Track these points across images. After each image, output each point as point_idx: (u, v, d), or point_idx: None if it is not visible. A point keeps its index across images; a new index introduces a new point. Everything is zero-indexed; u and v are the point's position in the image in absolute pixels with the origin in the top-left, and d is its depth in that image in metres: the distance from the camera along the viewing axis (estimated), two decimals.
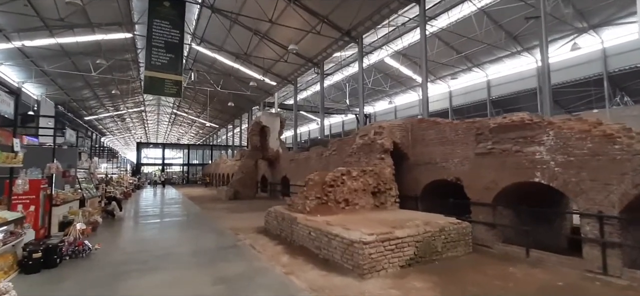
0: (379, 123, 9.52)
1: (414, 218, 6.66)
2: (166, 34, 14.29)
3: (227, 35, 22.83)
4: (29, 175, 7.35)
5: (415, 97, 35.40)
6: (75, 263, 5.74)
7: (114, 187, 17.84)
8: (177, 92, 14.45)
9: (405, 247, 5.60)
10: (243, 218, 11.69)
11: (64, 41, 20.85)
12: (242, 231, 8.98)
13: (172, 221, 11.46)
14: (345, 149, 13.17)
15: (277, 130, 21.89)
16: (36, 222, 7.28)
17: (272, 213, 8.63)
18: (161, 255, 6.47)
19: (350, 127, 44.40)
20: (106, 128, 56.12)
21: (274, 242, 7.58)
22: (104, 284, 4.87)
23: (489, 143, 7.29)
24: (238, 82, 31.01)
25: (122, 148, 70.92)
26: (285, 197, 19.24)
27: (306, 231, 6.71)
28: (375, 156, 8.98)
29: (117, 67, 26.52)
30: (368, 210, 8.16)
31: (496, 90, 27.94)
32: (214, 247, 7.17)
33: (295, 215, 7.36)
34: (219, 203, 17.29)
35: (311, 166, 16.58)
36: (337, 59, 28.13)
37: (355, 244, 5.16)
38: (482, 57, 25.97)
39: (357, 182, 8.10)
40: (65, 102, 33.62)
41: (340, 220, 6.63)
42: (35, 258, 5.04)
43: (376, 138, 9.05)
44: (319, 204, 7.68)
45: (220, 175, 34.97)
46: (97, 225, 9.54)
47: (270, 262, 6.00)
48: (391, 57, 27.95)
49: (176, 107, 47.90)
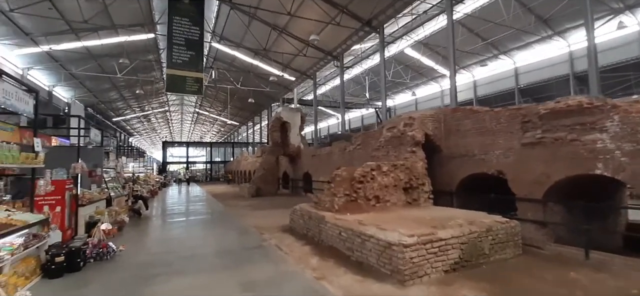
0: (409, 114, 8.88)
1: (454, 217, 6.04)
2: (186, 31, 14.19)
3: (245, 31, 22.64)
4: (55, 175, 7.32)
5: (437, 89, 34.04)
6: (100, 266, 5.57)
7: (141, 185, 18.15)
8: (198, 89, 14.36)
9: (449, 250, 5.01)
10: (266, 215, 11.41)
11: (89, 44, 21.37)
12: (267, 230, 8.65)
13: (196, 219, 11.35)
14: (370, 143, 12.59)
15: (297, 126, 21.57)
16: (63, 222, 7.24)
17: (298, 211, 8.23)
18: (187, 256, 6.22)
19: (369, 121, 43.48)
20: (133, 129, 58.08)
21: (300, 242, 7.18)
22: (128, 289, 4.63)
23: (539, 131, 6.52)
24: (257, 78, 30.93)
25: (149, 147, 73.33)
26: (307, 194, 18.92)
27: (336, 231, 6.24)
28: (406, 149, 8.36)
29: (140, 68, 27.05)
30: (400, 207, 7.59)
31: (524, 77, 26.24)
32: (239, 248, 6.86)
33: (323, 214, 6.91)
34: (241, 201, 17.19)
35: (334, 161, 16.11)
36: (355, 51, 27.38)
37: (394, 247, 4.64)
38: (510, 43, 24.41)
39: (387, 177, 7.54)
40: (93, 104, 34.86)
41: (372, 219, 6.12)
42: (57, 262, 4.88)
43: (406, 130, 8.43)
44: (347, 201, 7.20)
45: (242, 172, 35.21)
46: (124, 224, 9.51)
47: (298, 265, 5.59)
48: (412, 48, 26.88)
49: (198, 106, 48.69)
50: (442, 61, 28.27)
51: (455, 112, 8.62)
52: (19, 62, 21.13)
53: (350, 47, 24.28)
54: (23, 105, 4.90)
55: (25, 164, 4.88)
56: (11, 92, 4.57)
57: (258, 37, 22.38)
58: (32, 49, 20.01)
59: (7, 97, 4.44)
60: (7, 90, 4.48)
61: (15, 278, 4.32)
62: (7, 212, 4.86)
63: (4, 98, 4.38)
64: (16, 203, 5.69)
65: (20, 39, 18.40)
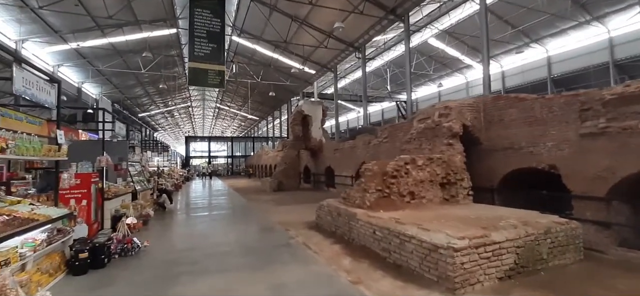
0: (445, 103, 8.19)
1: (503, 216, 5.40)
2: (207, 23, 14.01)
3: (266, 23, 22.33)
4: (80, 168, 7.23)
5: (462, 80, 32.61)
6: (124, 263, 5.36)
7: (165, 179, 18.35)
8: (220, 82, 14.18)
9: (504, 254, 4.41)
10: (290, 211, 11.07)
11: (114, 40, 21.76)
12: (292, 226, 8.27)
13: (220, 214, 11.17)
14: (398, 136, 11.95)
15: (319, 119, 21.11)
16: (89, 216, 7.16)
17: (325, 207, 7.79)
18: (211, 254, 5.92)
19: (389, 115, 42.45)
20: (158, 124, 59.69)
21: (329, 241, 6.74)
22: (152, 289, 4.35)
23: (602, 120, 5.72)
24: (277, 72, 30.67)
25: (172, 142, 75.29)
26: (329, 188, 18.50)
27: (369, 230, 5.75)
28: (441, 141, 7.71)
29: (163, 63, 27.42)
30: (437, 204, 6.99)
31: (558, 67, 24.47)
32: (266, 246, 6.51)
33: (354, 211, 6.43)
34: (263, 195, 17.00)
35: (358, 155, 15.58)
36: (377, 43, 26.50)
37: (442, 250, 4.09)
38: (542, 30, 22.77)
39: (423, 171, 6.94)
40: (120, 99, 35.88)
41: (410, 217, 5.58)
42: (82, 258, 4.68)
43: (442, 121, 7.77)
44: (379, 198, 6.68)
45: (263, 166, 35.27)
46: (149, 217, 9.44)
47: (330, 266, 5.15)
48: (436, 38, 25.70)
49: (219, 101, 49.24)
50: (468, 51, 26.91)
51: (498, 100, 7.85)
52: (49, 59, 21.85)
53: (372, 37, 23.47)
54: (44, 95, 4.71)
55: (47, 157, 4.70)
56: (32, 82, 4.37)
57: (278, 29, 22.01)
58: (61, 46, 20.60)
59: (27, 86, 4.24)
60: (28, 79, 4.29)
61: (39, 275, 4.13)
62: (31, 205, 4.71)
63: (24, 88, 4.18)
64: (41, 197, 5.58)
65: (50, 36, 18.94)
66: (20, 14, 16.01)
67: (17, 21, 16.48)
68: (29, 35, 18.24)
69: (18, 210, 4.38)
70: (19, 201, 4.76)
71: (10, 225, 3.65)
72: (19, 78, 4.04)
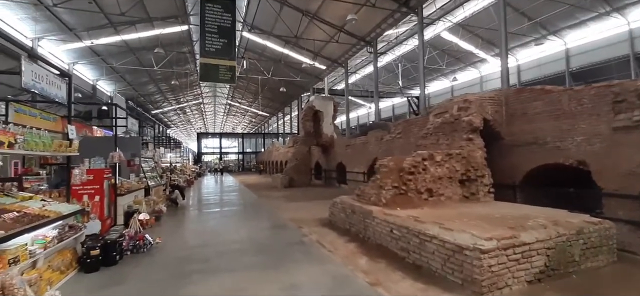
0: (464, 97, 7.83)
1: (529, 215, 5.08)
2: (218, 18, 13.85)
3: (276, 19, 22.13)
4: (93, 164, 7.21)
5: (476, 74, 31.78)
6: (136, 261, 5.28)
7: (178, 175, 18.47)
8: (231, 77, 14.01)
9: (534, 256, 4.11)
10: (301, 207, 10.91)
11: (127, 37, 21.94)
12: (305, 223, 8.10)
13: (231, 210, 11.10)
14: (412, 131, 11.62)
15: (330, 115, 20.88)
16: (102, 212, 7.13)
17: (339, 204, 7.58)
18: (223, 252, 5.79)
19: (400, 111, 41.82)
20: (170, 121, 60.45)
21: (343, 239, 6.54)
22: (163, 288, 4.24)
23: (637, 113, 5.31)
24: (287, 67, 30.50)
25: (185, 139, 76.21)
26: (341, 185, 18.29)
27: (386, 228, 5.51)
28: (461, 136, 7.37)
29: (175, 60, 27.59)
30: (456, 202, 6.69)
31: (577, 60, 23.48)
32: (278, 243, 6.34)
33: (369, 208, 6.20)
34: (274, 191, 16.92)
35: (370, 151, 15.31)
36: (388, 37, 25.96)
37: (468, 251, 3.83)
38: (560, 22, 21.86)
39: (441, 168, 6.65)
40: (134, 97, 36.37)
41: (429, 216, 5.32)
42: (93, 255, 4.61)
43: (461, 115, 7.42)
44: (396, 195, 6.42)
45: (273, 162, 35.27)
46: (162, 213, 9.41)
47: (346, 266, 4.94)
48: (449, 31, 25.03)
49: (230, 97, 49.45)
50: (482, 44, 26.15)
51: (521, 93, 7.45)
52: (65, 57, 22.20)
53: (384, 31, 22.99)
54: (55, 90, 4.63)
55: (58, 152, 4.63)
56: (41, 75, 4.28)
57: (289, 24, 21.78)
58: (76, 44, 20.88)
59: (36, 80, 4.15)
60: (37, 73, 4.20)
61: (50, 273, 4.06)
62: (42, 202, 4.64)
63: (33, 81, 4.09)
64: (53, 193, 5.54)
65: (65, 34, 19.20)
66: (36, 11, 16.23)
67: (32, 19, 16.73)
68: (45, 33, 18.52)
69: (29, 206, 4.31)
70: (31, 197, 4.71)
71: (20, 222, 3.57)
72: (28, 71, 3.95)
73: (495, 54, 27.56)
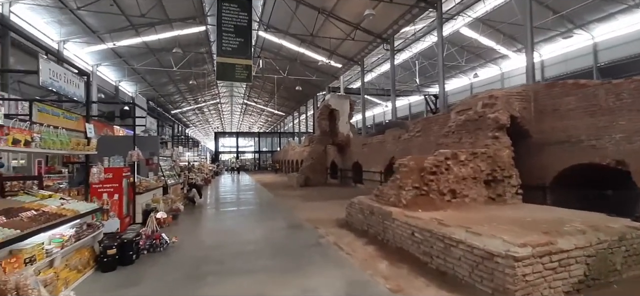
0: (490, 92, 7.42)
1: (564, 219, 4.70)
2: (235, 17, 13.88)
3: (292, 17, 22.06)
4: (112, 163, 7.29)
5: (496, 71, 30.64)
6: (152, 260, 5.25)
7: (196, 173, 18.72)
8: (247, 76, 14.02)
9: (572, 264, 3.76)
10: (318, 207, 10.74)
11: (147, 39, 22.46)
12: (322, 224, 7.92)
13: (248, 209, 11.07)
14: (432, 129, 11.23)
15: (346, 114, 20.63)
16: (121, 210, 7.20)
17: (356, 205, 7.36)
18: (239, 253, 5.69)
19: (417, 109, 40.95)
20: (189, 121, 61.77)
21: (361, 241, 6.31)
22: (179, 289, 4.16)
23: None
24: (303, 66, 30.42)
25: (202, 138, 77.76)
26: (357, 184, 18.01)
27: (407, 231, 5.25)
28: (486, 134, 6.98)
29: (193, 61, 28.05)
30: (481, 204, 6.33)
31: (605, 54, 22.10)
32: (295, 245, 6.19)
33: (389, 209, 5.94)
34: (290, 190, 16.84)
35: (387, 150, 14.97)
36: (405, 34, 25.38)
37: (499, 259, 3.53)
38: (587, 14, 20.66)
39: (466, 167, 6.30)
40: (154, 97, 37.32)
41: (453, 218, 5.02)
42: (110, 254, 4.59)
43: (486, 112, 7.03)
44: (417, 196, 6.14)
45: (289, 161, 35.33)
46: (179, 212, 9.47)
47: (366, 270, 4.72)
48: (469, 27, 24.22)
49: (246, 97, 49.96)
50: (504, 40, 25.17)
51: (552, 88, 6.98)
52: (89, 59, 22.96)
53: (402, 27, 22.52)
54: (73, 88, 4.64)
55: (75, 150, 4.64)
56: (59, 73, 4.30)
57: (305, 23, 21.66)
58: (99, 46, 21.55)
59: (54, 78, 4.16)
60: (55, 71, 4.21)
61: (67, 272, 4.05)
62: (61, 200, 4.67)
63: (51, 79, 4.10)
64: (72, 191, 5.60)
65: (89, 36, 19.83)
66: (61, 15, 16.81)
67: (58, 23, 17.34)
68: (70, 36, 19.19)
69: (48, 204, 4.33)
70: (50, 195, 4.75)
71: (36, 221, 3.57)
72: (46, 69, 3.96)
73: (517, 49, 26.49)
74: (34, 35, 15.50)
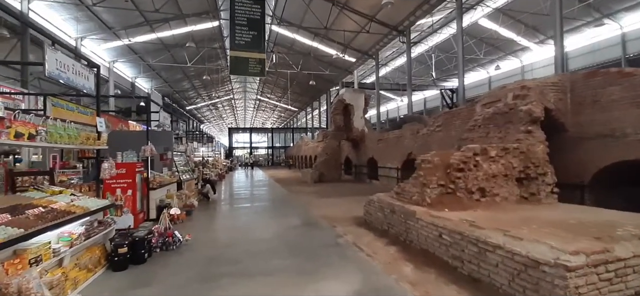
0: (521, 83, 6.87)
1: (614, 222, 4.21)
2: (248, 10, 13.71)
3: (305, 10, 21.68)
4: (125, 158, 7.16)
5: (516, 65, 29.43)
6: (164, 259, 5.05)
7: (210, 169, 18.72)
8: (260, 70, 13.86)
9: (629, 275, 3.30)
10: (333, 204, 10.41)
11: (162, 35, 22.56)
12: (338, 222, 7.60)
13: (262, 206, 10.86)
14: (454, 123, 10.69)
15: (361, 108, 20.14)
16: (134, 206, 7.08)
17: (376, 202, 6.99)
18: (254, 252, 5.43)
19: (432, 104, 39.94)
20: (204, 117, 62.46)
21: (382, 241, 5.95)
22: (192, 290, 3.93)
23: None
24: (316, 61, 30.01)
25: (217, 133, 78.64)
26: (372, 180, 17.58)
27: (433, 232, 4.86)
28: (517, 128, 6.46)
29: (207, 57, 28.12)
30: (513, 203, 5.85)
31: (634, 45, 20.78)
32: (312, 244, 5.89)
33: (412, 208, 5.55)
34: (304, 186, 16.57)
35: (405, 146, 14.48)
36: (421, 27, 24.58)
37: (547, 268, 3.12)
38: (615, 4, 19.49)
39: (496, 164, 5.83)
40: (169, 93, 37.75)
41: (485, 219, 4.59)
42: (121, 253, 4.40)
43: (518, 104, 6.50)
44: (442, 194, 5.72)
45: (303, 157, 35.10)
46: (193, 208, 9.34)
47: (390, 274, 4.37)
48: (488, 18, 23.24)
49: (260, 93, 49.99)
50: (525, 31, 24.08)
51: (592, 77, 6.39)
52: (106, 56, 23.28)
53: (418, 19, 21.79)
54: (82, 80, 4.45)
55: (85, 145, 4.46)
56: (67, 65, 4.10)
57: (318, 16, 21.23)
58: (115, 43, 21.78)
59: (62, 69, 3.97)
60: (63, 61, 4.01)
61: (77, 272, 3.87)
62: (72, 196, 4.51)
63: (58, 71, 3.91)
64: (83, 187, 5.46)
65: (105, 33, 20.04)
66: (77, 11, 16.98)
67: (75, 19, 17.55)
68: (86, 33, 19.43)
69: (57, 201, 4.17)
70: (61, 191, 4.60)
71: (43, 219, 3.38)
72: (52, 59, 3.76)
73: (540, 41, 25.34)
74: (52, 32, 15.72)
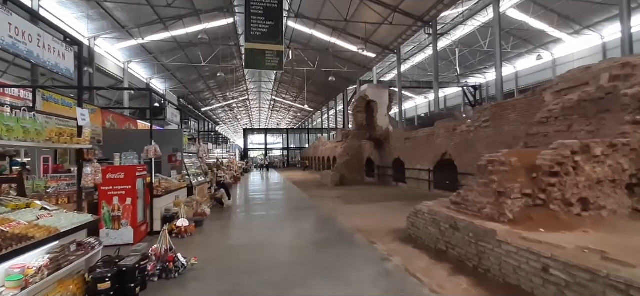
0: (622, 60, 5.34)
1: None
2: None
3: (324, 2, 20.46)
4: (124, 160, 6.07)
5: (547, 58, 27.23)
6: (163, 292, 3.85)
7: (224, 171, 17.70)
8: (278, 63, 12.72)
9: None
10: (363, 212, 9.05)
11: (176, 33, 21.84)
12: (376, 236, 6.25)
13: (282, 214, 9.60)
14: (506, 117, 9.15)
15: (385, 105, 18.66)
16: (134, 217, 5.97)
17: (426, 215, 5.60)
18: (278, 284, 4.12)
19: (452, 102, 37.91)
20: (219, 118, 62.28)
21: (444, 268, 4.54)
22: None
23: None
24: (334, 57, 28.71)
25: (232, 135, 78.55)
26: (398, 184, 16.14)
27: (533, 263, 3.44)
28: (620, 119, 4.93)
29: (221, 55, 27.36)
30: (624, 218, 4.34)
31: None
32: (352, 270, 4.54)
33: (489, 226, 4.14)
34: (325, 190, 15.28)
35: (437, 145, 12.99)
36: (444, 20, 22.87)
37: None
38: None
39: (601, 166, 4.34)
40: (185, 94, 37.36)
41: (604, 245, 3.15)
42: (102, 290, 3.21)
43: (619, 87, 4.97)
44: (528, 206, 4.28)
45: (319, 158, 33.85)
46: (205, 216, 8.19)
47: None
48: (516, 8, 21.37)
49: (275, 93, 49.17)
50: (558, 21, 22.03)
51: None
52: (120, 56, 22.76)
53: (447, 7, 20.18)
54: (54, 57, 3.31)
55: (57, 143, 3.31)
56: (28, 33, 2.94)
57: (338, 7, 19.95)
58: (129, 42, 21.19)
59: (17, 37, 2.82)
60: (21, 28, 2.84)
61: None
62: (41, 211, 3.36)
63: (13, 39, 2.76)
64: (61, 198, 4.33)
65: (118, 32, 19.42)
66: (89, 9, 16.34)
67: (87, 17, 16.93)
68: (99, 31, 18.85)
69: (16, 219, 3.02)
70: (28, 204, 3.47)
71: None
72: (3, 22, 2.60)
73: (574, 31, 23.22)
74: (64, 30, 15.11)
